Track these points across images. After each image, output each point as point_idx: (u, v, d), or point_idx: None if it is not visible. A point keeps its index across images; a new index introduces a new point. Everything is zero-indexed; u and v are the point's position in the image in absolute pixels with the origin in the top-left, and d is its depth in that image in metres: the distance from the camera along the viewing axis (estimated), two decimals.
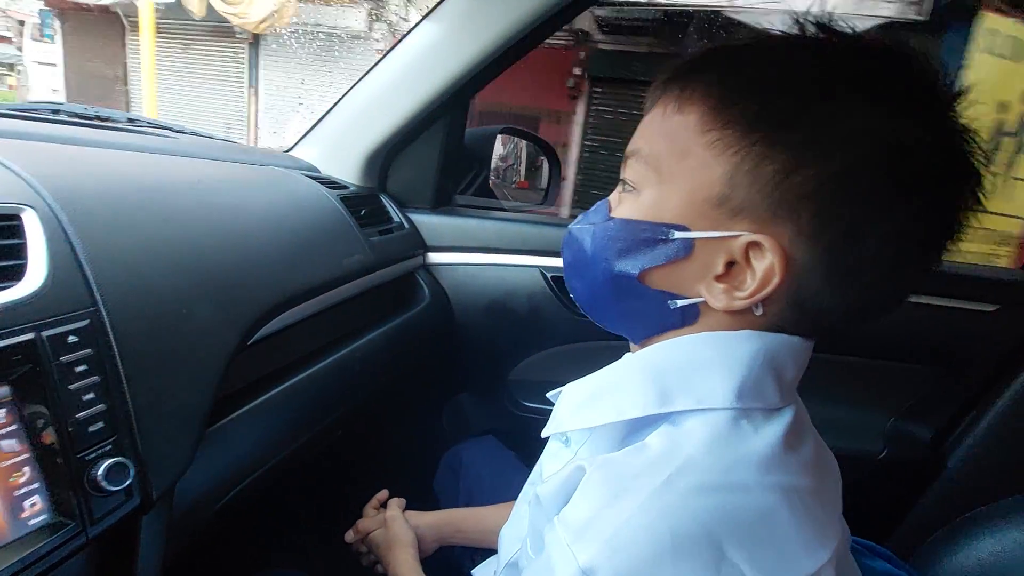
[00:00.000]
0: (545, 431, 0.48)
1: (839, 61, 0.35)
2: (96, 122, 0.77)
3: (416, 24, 0.91)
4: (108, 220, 0.47)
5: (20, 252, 0.39)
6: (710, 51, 0.40)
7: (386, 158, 1.01)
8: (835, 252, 0.35)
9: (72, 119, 0.74)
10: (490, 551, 0.70)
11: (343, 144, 0.99)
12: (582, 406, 0.44)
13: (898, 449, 0.99)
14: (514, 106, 6.09)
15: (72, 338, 0.39)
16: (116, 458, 0.40)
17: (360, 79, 0.96)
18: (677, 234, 0.38)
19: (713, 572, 0.32)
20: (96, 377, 0.40)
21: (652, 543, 0.32)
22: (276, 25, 6.33)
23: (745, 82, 0.36)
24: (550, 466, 0.48)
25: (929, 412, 0.99)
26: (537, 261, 1.01)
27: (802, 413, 0.40)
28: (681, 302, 0.39)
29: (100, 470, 0.39)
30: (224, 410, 0.57)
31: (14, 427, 0.36)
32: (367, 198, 0.96)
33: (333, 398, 0.75)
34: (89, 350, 0.40)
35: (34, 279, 0.39)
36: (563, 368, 1.05)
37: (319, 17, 6.60)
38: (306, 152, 1.00)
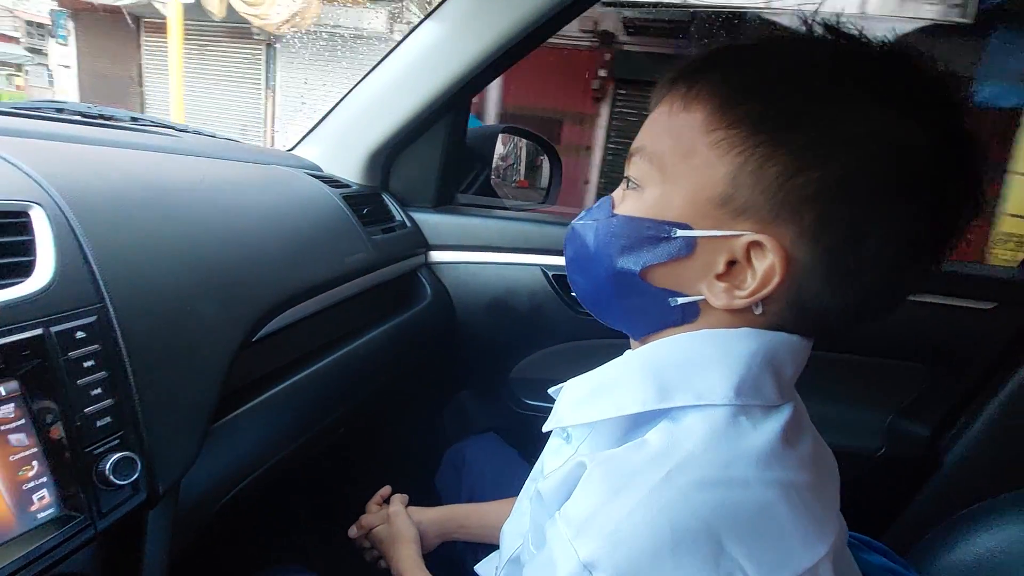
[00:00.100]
0: (546, 426, 0.48)
1: (845, 63, 0.35)
2: (100, 121, 0.77)
3: (418, 23, 0.92)
4: (114, 218, 0.47)
5: (28, 249, 0.40)
6: (717, 51, 0.40)
7: (388, 157, 1.02)
8: (836, 253, 0.35)
9: (76, 118, 0.74)
10: (492, 547, 0.70)
11: (346, 143, 0.99)
12: (582, 402, 0.44)
13: (896, 446, 0.99)
14: (537, 108, 6.00)
15: (80, 334, 0.39)
16: (123, 452, 0.40)
17: (363, 78, 0.96)
18: (680, 232, 0.38)
19: (712, 566, 0.32)
20: (103, 372, 0.40)
21: (652, 538, 0.33)
22: (298, 26, 6.22)
23: (751, 82, 0.37)
24: (551, 462, 0.48)
25: (927, 409, 1.00)
26: (539, 259, 1.01)
27: (800, 410, 0.41)
28: (682, 300, 0.40)
29: (108, 464, 0.39)
30: (228, 407, 0.57)
31: (23, 421, 0.36)
32: (369, 197, 0.96)
33: (335, 395, 0.75)
34: (96, 346, 0.40)
35: (42, 275, 0.39)
36: (564, 366, 1.04)
37: (339, 18, 6.52)
38: (309, 151, 1.01)
